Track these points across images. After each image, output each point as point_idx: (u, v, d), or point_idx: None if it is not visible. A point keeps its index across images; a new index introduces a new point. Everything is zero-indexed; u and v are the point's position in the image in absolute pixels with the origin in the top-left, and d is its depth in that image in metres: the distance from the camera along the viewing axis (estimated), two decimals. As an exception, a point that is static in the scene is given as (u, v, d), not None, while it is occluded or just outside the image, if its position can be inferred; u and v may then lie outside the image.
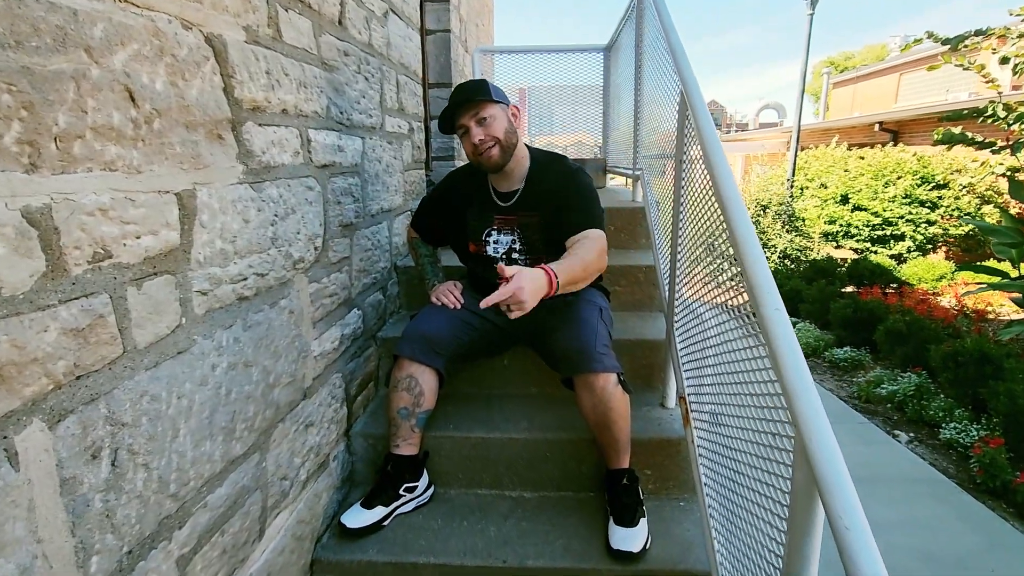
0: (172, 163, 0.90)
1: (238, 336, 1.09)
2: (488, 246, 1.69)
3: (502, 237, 1.67)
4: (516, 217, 1.64)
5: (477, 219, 1.69)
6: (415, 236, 1.85)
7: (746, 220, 1.07)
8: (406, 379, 1.58)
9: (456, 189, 1.77)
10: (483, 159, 1.55)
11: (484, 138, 1.52)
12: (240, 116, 1.09)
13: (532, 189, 1.64)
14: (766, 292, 0.94)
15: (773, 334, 0.87)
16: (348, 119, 1.65)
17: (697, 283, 1.51)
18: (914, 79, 14.71)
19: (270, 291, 1.22)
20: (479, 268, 1.75)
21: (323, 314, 1.50)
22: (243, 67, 1.09)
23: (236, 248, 1.08)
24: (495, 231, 1.68)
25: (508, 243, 1.67)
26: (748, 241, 1.02)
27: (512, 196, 1.66)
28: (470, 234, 1.71)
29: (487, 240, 1.69)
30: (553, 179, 1.62)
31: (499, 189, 1.68)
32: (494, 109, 1.54)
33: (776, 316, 0.89)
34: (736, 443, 1.12)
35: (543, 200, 1.61)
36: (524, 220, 1.64)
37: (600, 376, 1.45)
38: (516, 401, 1.87)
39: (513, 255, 1.67)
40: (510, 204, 1.66)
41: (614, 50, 3.38)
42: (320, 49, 1.45)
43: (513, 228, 1.65)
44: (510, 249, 1.67)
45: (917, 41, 4.57)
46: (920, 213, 7.10)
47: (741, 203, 1.11)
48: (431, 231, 1.83)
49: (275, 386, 1.24)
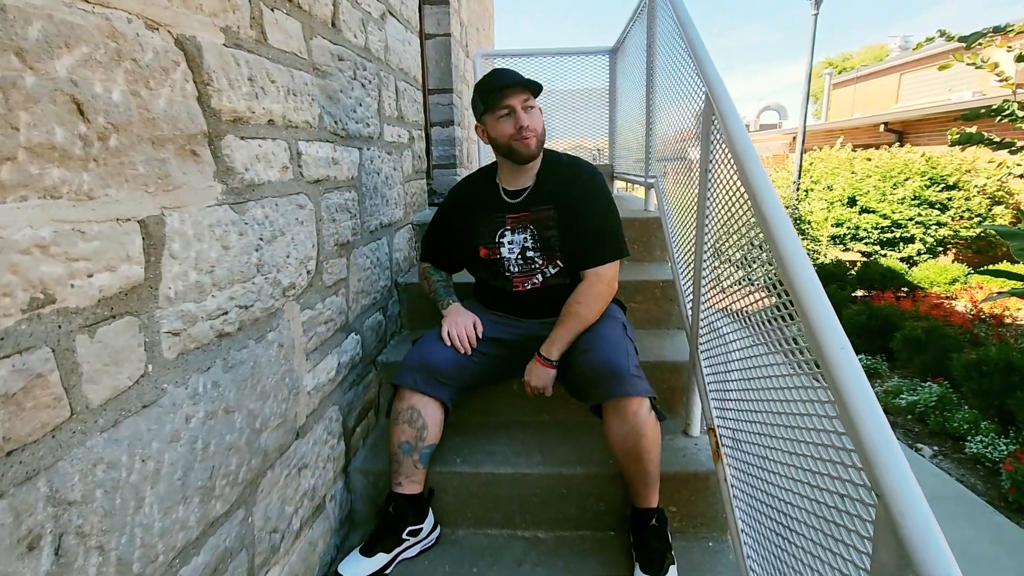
0: (134, 186, 0.77)
1: (217, 379, 0.95)
2: (503, 247, 1.59)
3: (516, 236, 1.58)
4: (529, 213, 1.56)
5: (488, 221, 1.60)
6: (427, 266, 1.71)
7: (795, 242, 0.94)
8: (408, 411, 1.44)
9: (461, 199, 1.68)
10: (520, 145, 1.48)
11: (529, 124, 1.47)
12: (218, 129, 0.96)
13: (543, 185, 1.58)
14: (827, 328, 0.80)
15: (842, 381, 0.74)
16: (343, 129, 1.52)
17: (727, 303, 1.37)
18: (915, 79, 14.61)
19: (256, 324, 1.09)
20: (491, 277, 1.63)
21: (317, 343, 1.37)
22: (221, 73, 0.96)
23: (215, 279, 0.95)
24: (508, 231, 1.59)
25: (521, 242, 1.58)
26: (799, 267, 0.89)
27: (522, 193, 1.58)
28: (479, 238, 1.61)
29: (501, 241, 1.59)
30: (566, 175, 1.57)
31: (509, 187, 1.60)
32: (535, 102, 1.52)
33: (844, 359, 0.76)
34: (784, 492, 0.99)
35: (556, 194, 1.55)
36: (537, 215, 1.56)
37: (633, 401, 1.32)
38: (527, 430, 1.73)
39: (528, 254, 1.57)
40: (520, 200, 1.58)
41: (620, 52, 3.26)
42: (311, 53, 1.33)
43: (526, 225, 1.57)
44: (523, 248, 1.57)
45: (929, 40, 4.46)
46: (930, 215, 6.97)
47: (787, 221, 0.98)
48: (446, 255, 1.70)
49: (262, 431, 1.10)
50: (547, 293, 1.57)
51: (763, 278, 1.10)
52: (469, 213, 1.63)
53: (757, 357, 1.14)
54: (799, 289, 0.86)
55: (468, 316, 1.56)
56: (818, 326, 0.81)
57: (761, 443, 1.09)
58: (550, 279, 1.57)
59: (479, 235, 1.60)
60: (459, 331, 1.51)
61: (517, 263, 1.57)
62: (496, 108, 1.48)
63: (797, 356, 0.95)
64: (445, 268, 1.72)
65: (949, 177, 7.03)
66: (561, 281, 1.56)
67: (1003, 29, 3.74)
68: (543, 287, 1.57)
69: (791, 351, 0.97)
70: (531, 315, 1.60)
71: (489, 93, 1.48)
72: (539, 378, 1.50)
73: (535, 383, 1.50)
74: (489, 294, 1.67)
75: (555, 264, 1.56)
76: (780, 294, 1.01)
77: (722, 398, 1.38)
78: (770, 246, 0.99)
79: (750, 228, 1.17)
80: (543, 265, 1.56)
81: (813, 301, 0.83)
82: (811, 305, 0.83)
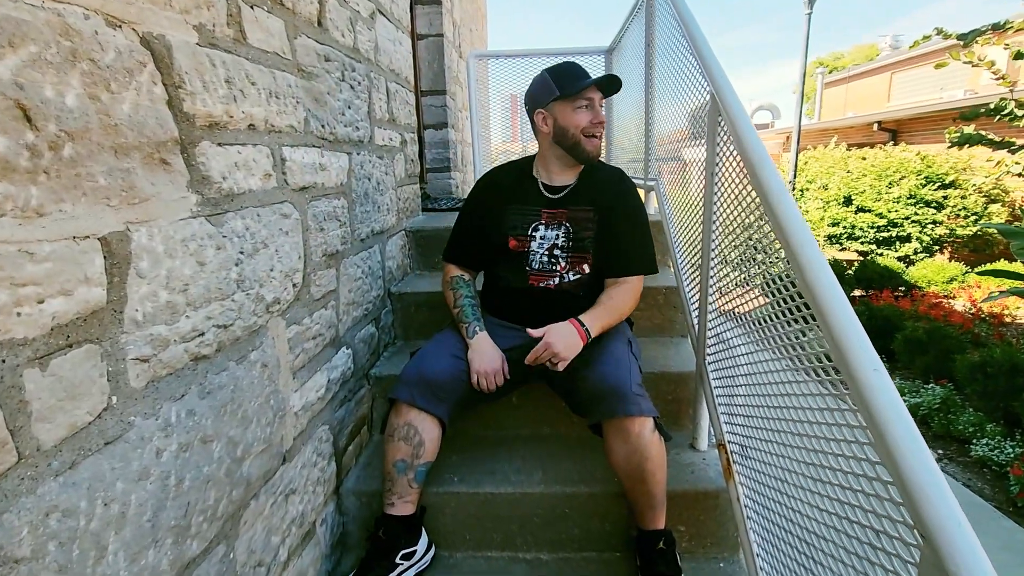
0: (93, 200, 0.69)
1: (193, 407, 0.88)
2: (533, 241, 1.54)
3: (548, 232, 1.54)
4: (566, 211, 1.53)
5: (522, 212, 1.56)
6: (456, 274, 1.60)
7: (816, 251, 0.87)
8: (404, 427, 1.37)
9: (496, 187, 1.64)
10: (588, 143, 1.48)
11: (602, 121, 1.50)
12: (192, 135, 0.89)
13: (585, 185, 1.56)
14: (856, 347, 0.73)
15: (877, 407, 0.67)
16: (331, 133, 1.45)
17: (736, 312, 1.31)
18: (906, 78, 14.65)
19: (236, 344, 1.01)
20: (510, 271, 1.56)
21: (305, 360, 1.30)
22: (195, 75, 0.89)
23: (189, 298, 0.87)
24: (542, 225, 1.54)
25: (553, 239, 1.53)
26: (821, 279, 0.82)
27: (563, 190, 1.56)
28: (510, 229, 1.55)
29: (533, 235, 1.54)
30: (608, 181, 1.57)
31: (550, 182, 1.58)
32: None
33: (877, 382, 0.69)
34: (807, 519, 0.92)
35: (597, 198, 1.54)
36: (575, 214, 1.53)
37: (636, 421, 1.25)
38: (528, 445, 1.66)
39: (555, 252, 1.53)
40: (560, 197, 1.55)
41: (617, 52, 3.19)
42: (296, 53, 1.25)
43: (561, 223, 1.53)
44: (553, 246, 1.53)
45: (926, 37, 4.42)
46: (926, 213, 6.94)
47: (806, 227, 0.91)
48: (477, 249, 1.62)
49: (244, 458, 1.03)
50: (557, 297, 1.51)
51: (777, 287, 1.04)
52: (504, 201, 1.59)
53: (773, 372, 1.07)
54: (823, 304, 0.79)
55: (495, 354, 1.45)
56: (847, 345, 0.74)
57: (779, 463, 1.03)
58: (565, 284, 1.52)
59: (511, 225, 1.55)
60: (488, 377, 1.42)
61: (541, 260, 1.53)
62: (577, 97, 1.45)
63: (820, 374, 0.88)
64: (473, 266, 1.65)
65: (945, 176, 7.00)
66: (575, 290, 1.52)
67: (1002, 26, 3.71)
68: (556, 290, 1.52)
69: (813, 369, 0.91)
70: (539, 323, 1.52)
71: (573, 80, 1.46)
72: (567, 345, 1.30)
73: (559, 348, 1.29)
74: (497, 294, 1.61)
75: (578, 270, 1.52)
76: (799, 306, 0.95)
77: (733, 412, 1.31)
78: (787, 255, 0.92)
79: (762, 234, 1.11)
80: (564, 268, 1.52)
81: (839, 317, 0.77)
82: (837, 322, 0.76)
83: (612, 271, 1.52)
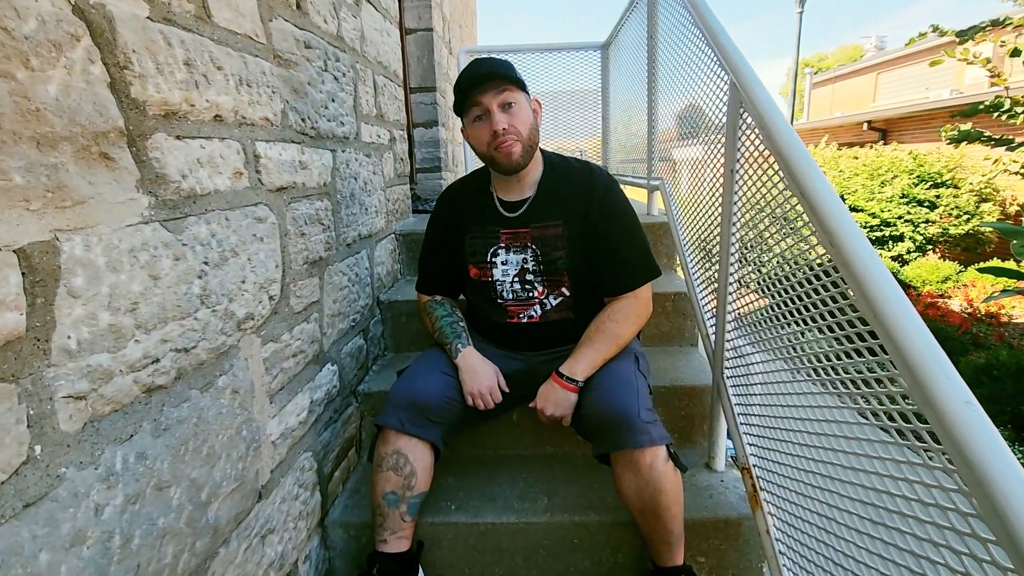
0: (5, 203, 0.56)
1: (144, 449, 0.74)
2: (495, 268, 1.35)
3: (512, 256, 1.34)
4: (530, 230, 1.33)
5: (480, 235, 1.36)
6: (427, 300, 1.47)
7: (877, 262, 0.75)
8: (393, 456, 1.23)
9: (452, 206, 1.44)
10: (500, 154, 1.25)
11: (508, 127, 1.22)
12: (143, 126, 0.75)
13: (547, 196, 1.34)
14: (941, 375, 0.62)
15: (976, 453, 0.55)
16: (313, 127, 1.31)
17: (761, 321, 1.19)
18: (892, 78, 14.74)
19: (201, 369, 0.87)
20: (483, 303, 1.41)
21: (285, 381, 1.16)
22: (145, 54, 0.75)
23: (139, 319, 0.73)
24: (503, 249, 1.35)
25: (519, 263, 1.34)
26: (890, 298, 0.70)
27: (521, 205, 1.35)
28: (470, 256, 1.37)
29: (493, 261, 1.35)
30: (577, 186, 1.34)
31: (504, 197, 1.37)
32: (520, 96, 1.26)
33: (972, 418, 0.57)
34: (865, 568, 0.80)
35: (567, 208, 1.32)
36: (542, 233, 1.32)
37: (647, 452, 1.12)
38: (530, 466, 1.53)
39: (527, 277, 1.34)
40: (519, 214, 1.34)
41: (614, 47, 3.08)
42: (271, 38, 1.11)
43: (525, 245, 1.33)
44: (522, 271, 1.34)
45: (922, 35, 4.35)
46: (919, 213, 6.92)
47: (861, 234, 0.79)
48: (446, 276, 1.46)
49: (211, 502, 0.89)
50: (546, 329, 1.36)
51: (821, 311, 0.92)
52: (461, 222, 1.40)
53: (810, 395, 0.96)
54: (894, 328, 0.67)
55: (488, 368, 1.32)
56: (928, 374, 0.62)
57: (823, 498, 0.91)
58: (550, 312, 1.35)
59: (469, 251, 1.38)
60: (484, 396, 1.28)
61: (512, 289, 1.35)
62: (468, 112, 1.26)
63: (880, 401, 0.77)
64: (447, 293, 1.48)
65: (938, 175, 6.99)
66: (564, 315, 1.35)
67: (1001, 23, 3.66)
68: (542, 322, 1.36)
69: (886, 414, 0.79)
70: (531, 349, 1.40)
71: (458, 93, 1.26)
72: (558, 404, 1.24)
73: (552, 411, 1.24)
74: (482, 323, 1.45)
75: (558, 293, 1.34)
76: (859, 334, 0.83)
77: (759, 434, 1.19)
78: (839, 265, 0.81)
79: (799, 240, 0.99)
80: (542, 295, 1.34)
81: (917, 342, 0.65)
82: (914, 348, 0.64)
83: (614, 288, 1.33)
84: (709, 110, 1.43)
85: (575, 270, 1.32)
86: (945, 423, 0.58)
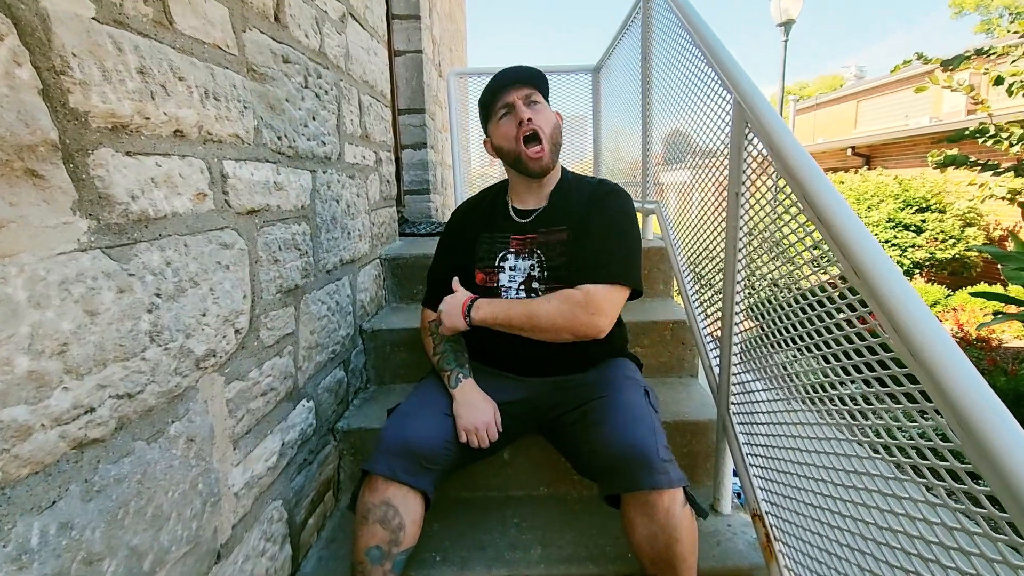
0: None
1: (70, 517, 0.63)
2: (502, 273, 1.30)
3: (520, 262, 1.30)
4: (536, 235, 1.31)
5: (490, 240, 1.34)
6: (435, 319, 1.35)
7: (916, 298, 0.67)
8: (381, 507, 1.10)
9: (466, 215, 1.43)
10: (529, 156, 1.25)
11: (534, 118, 1.25)
12: (84, 139, 0.66)
13: (557, 204, 1.34)
14: (1004, 433, 0.53)
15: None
16: (291, 147, 1.22)
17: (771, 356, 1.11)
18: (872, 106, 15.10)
19: (148, 416, 0.76)
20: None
21: (252, 423, 1.04)
22: (89, 59, 0.66)
23: (69, 363, 0.63)
24: (511, 254, 1.31)
25: (527, 269, 1.29)
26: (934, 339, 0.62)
27: (532, 213, 1.34)
28: (478, 260, 1.32)
29: (501, 266, 1.30)
30: (587, 194, 1.34)
31: (518, 206, 1.37)
32: (544, 100, 1.31)
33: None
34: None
35: (572, 214, 1.31)
36: (547, 238, 1.30)
37: (665, 495, 1.02)
38: (522, 510, 1.41)
39: (533, 284, 1.28)
40: (529, 221, 1.33)
41: (605, 70, 3.06)
42: (244, 49, 1.03)
43: (532, 250, 1.29)
44: (529, 278, 1.29)
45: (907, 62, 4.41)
46: (906, 237, 6.97)
47: (893, 266, 0.72)
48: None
49: (156, 571, 0.77)
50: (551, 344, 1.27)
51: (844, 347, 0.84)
52: (472, 228, 1.37)
53: (832, 440, 0.87)
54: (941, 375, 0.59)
55: (486, 406, 1.22)
56: (990, 434, 0.53)
57: (853, 558, 0.81)
58: None
59: (478, 255, 1.33)
60: (480, 433, 1.18)
61: (518, 295, 1.28)
62: (496, 109, 1.29)
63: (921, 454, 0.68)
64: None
65: (923, 200, 7.07)
66: None
67: (985, 52, 3.72)
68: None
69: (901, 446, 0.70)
70: (533, 371, 1.29)
71: (487, 94, 1.30)
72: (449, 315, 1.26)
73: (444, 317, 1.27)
74: (481, 339, 1.33)
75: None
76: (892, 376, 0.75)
77: (771, 478, 1.09)
78: (866, 298, 0.73)
79: (817, 269, 0.91)
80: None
81: (972, 395, 0.56)
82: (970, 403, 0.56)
83: (573, 275, 1.22)
84: (711, 131, 1.37)
85: (573, 277, 1.23)
86: (1018, 494, 0.49)
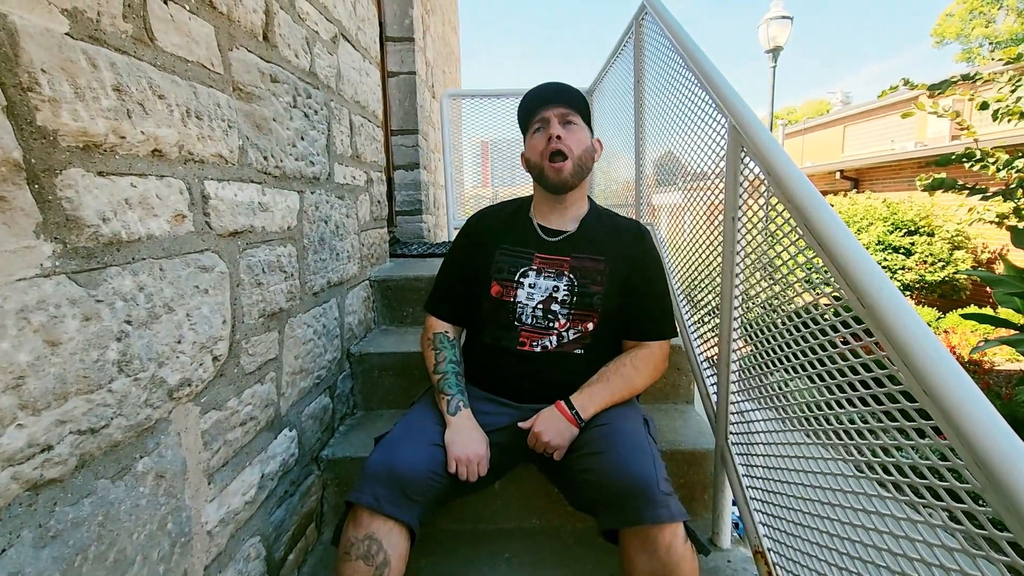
0: None
1: (20, 567, 0.57)
2: (520, 289, 1.25)
3: (543, 281, 1.26)
4: (570, 259, 1.27)
5: (511, 253, 1.29)
6: (440, 330, 1.32)
7: (925, 329, 0.64)
8: (364, 543, 1.04)
9: (487, 223, 1.38)
10: (551, 168, 1.23)
11: (563, 136, 1.22)
12: (52, 159, 0.62)
13: (589, 232, 1.30)
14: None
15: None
16: (277, 167, 1.19)
17: (770, 385, 1.07)
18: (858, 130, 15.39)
19: (113, 452, 0.71)
20: (495, 326, 1.27)
21: (229, 455, 0.99)
22: (60, 75, 0.63)
23: (25, 397, 0.58)
24: (533, 271, 1.26)
25: (549, 290, 1.25)
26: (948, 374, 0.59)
27: (561, 234, 1.30)
28: (496, 271, 1.27)
29: (520, 282, 1.26)
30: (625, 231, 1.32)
31: (544, 224, 1.32)
32: (582, 123, 1.28)
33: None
34: None
35: (610, 246, 1.28)
36: (582, 263, 1.26)
37: (666, 530, 0.97)
38: (513, 544, 1.36)
39: (553, 307, 1.24)
40: (558, 241, 1.29)
41: (598, 93, 3.08)
42: (230, 68, 1.01)
43: (561, 272, 1.26)
44: (550, 298, 1.24)
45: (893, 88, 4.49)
46: (896, 260, 7.03)
47: (899, 295, 0.69)
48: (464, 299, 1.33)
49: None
50: (556, 363, 1.23)
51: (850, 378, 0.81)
52: (490, 238, 1.32)
53: (839, 476, 0.83)
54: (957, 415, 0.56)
55: (480, 438, 1.17)
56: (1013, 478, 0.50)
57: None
58: (567, 344, 1.23)
59: (496, 267, 1.28)
60: (471, 466, 1.13)
61: (534, 314, 1.24)
62: (531, 123, 1.28)
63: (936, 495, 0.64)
64: (459, 319, 1.35)
65: (912, 223, 7.15)
66: (578, 351, 1.24)
67: (971, 77, 3.79)
68: (555, 353, 1.23)
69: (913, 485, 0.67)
70: (530, 396, 1.24)
71: (524, 108, 1.30)
72: (559, 434, 1.14)
73: (550, 438, 1.14)
74: (479, 357, 1.30)
75: (580, 328, 1.24)
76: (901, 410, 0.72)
77: (774, 513, 1.05)
78: (872, 328, 0.70)
79: (818, 296, 0.89)
80: (564, 326, 1.24)
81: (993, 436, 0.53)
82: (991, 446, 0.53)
83: (643, 332, 1.28)
84: (704, 154, 1.36)
85: (608, 308, 1.24)
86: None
